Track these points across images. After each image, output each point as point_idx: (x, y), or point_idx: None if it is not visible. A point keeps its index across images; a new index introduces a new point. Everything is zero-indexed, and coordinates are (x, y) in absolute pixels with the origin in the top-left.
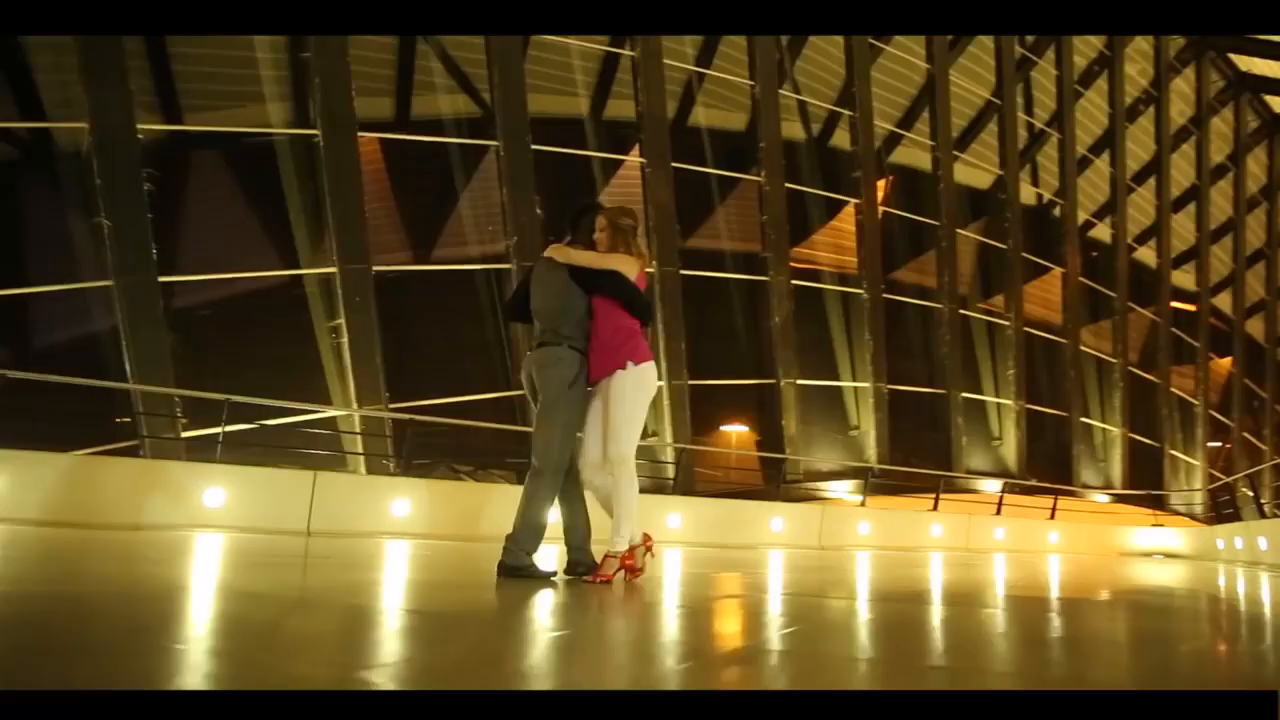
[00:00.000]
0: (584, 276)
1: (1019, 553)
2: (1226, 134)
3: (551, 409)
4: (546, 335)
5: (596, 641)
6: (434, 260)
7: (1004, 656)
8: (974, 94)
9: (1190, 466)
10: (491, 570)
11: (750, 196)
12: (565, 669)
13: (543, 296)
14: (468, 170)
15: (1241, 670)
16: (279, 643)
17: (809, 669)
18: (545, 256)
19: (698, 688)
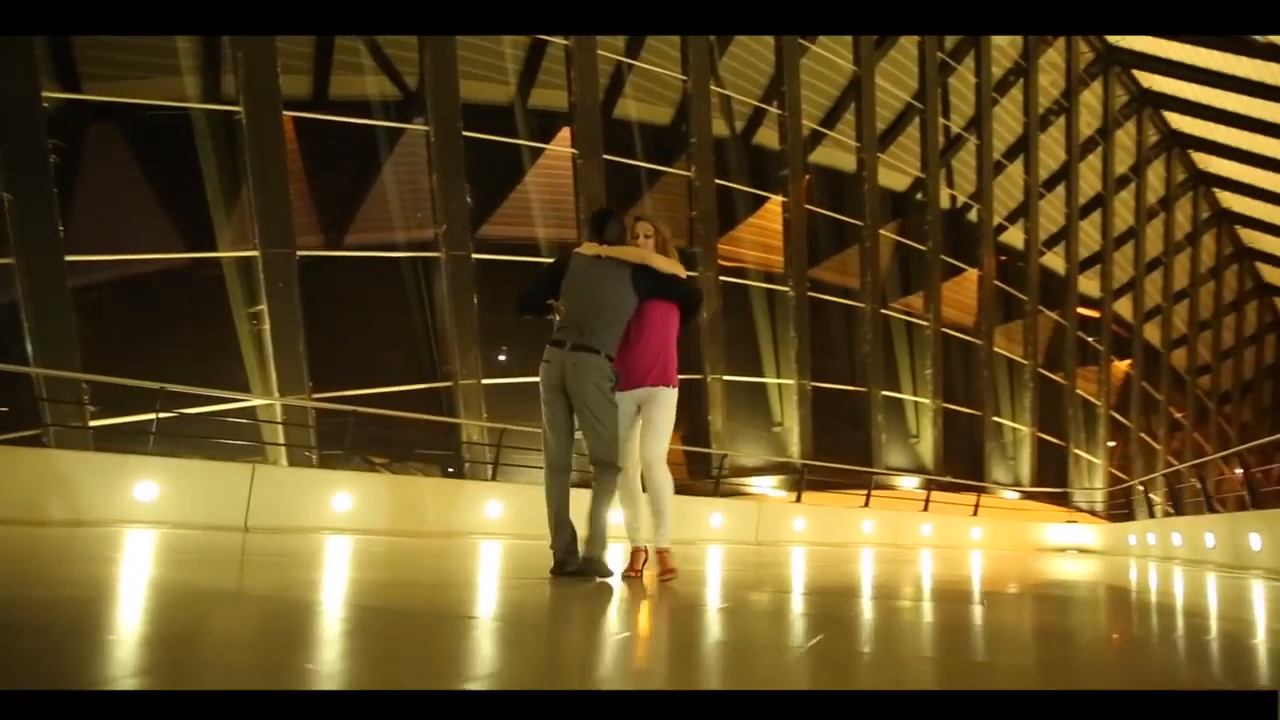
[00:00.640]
0: (654, 279)
1: (946, 548)
2: (1129, 146)
3: (603, 412)
4: (587, 339)
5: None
6: (357, 246)
7: (929, 645)
8: (895, 96)
9: (1092, 465)
10: (443, 567)
11: (675, 191)
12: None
13: (590, 296)
14: (395, 155)
15: (1151, 659)
16: (210, 646)
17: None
18: (592, 255)
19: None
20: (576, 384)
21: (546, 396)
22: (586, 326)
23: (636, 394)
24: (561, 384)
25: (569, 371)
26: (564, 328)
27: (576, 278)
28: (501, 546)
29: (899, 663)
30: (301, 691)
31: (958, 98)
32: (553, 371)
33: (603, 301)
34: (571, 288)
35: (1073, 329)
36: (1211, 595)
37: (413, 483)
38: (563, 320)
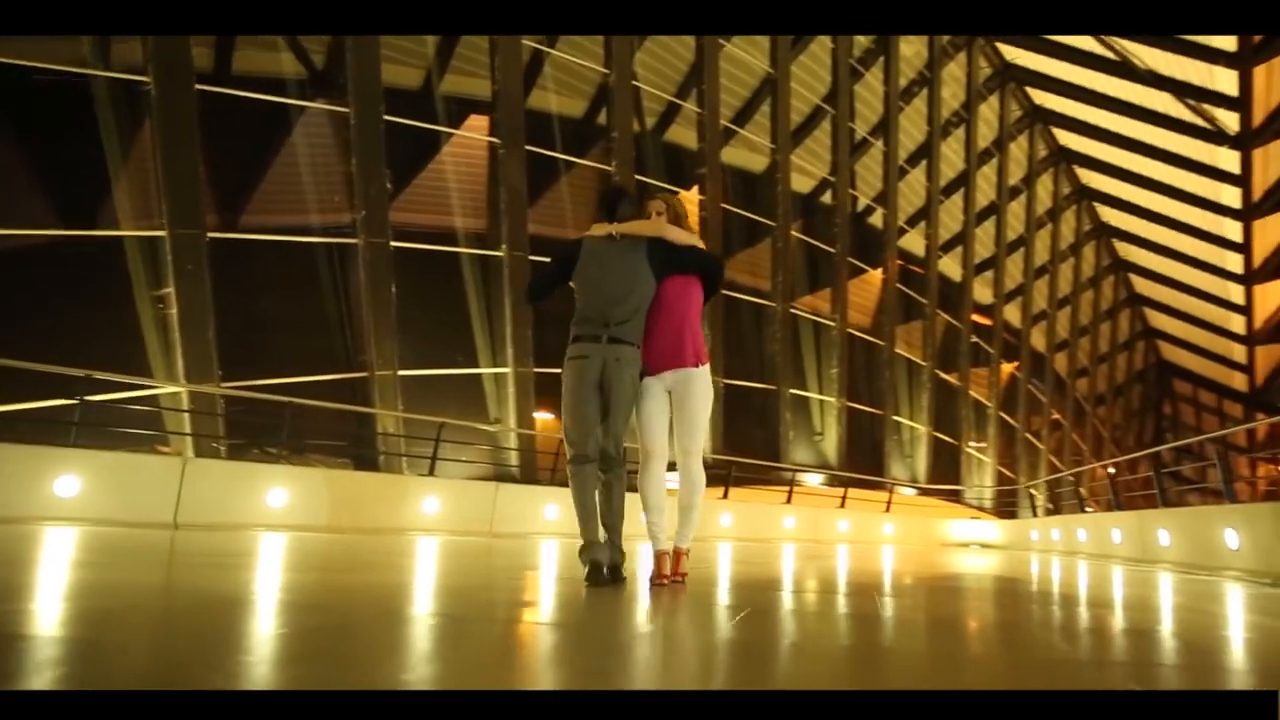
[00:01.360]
0: (670, 251)
1: (862, 544)
2: (1021, 160)
3: (628, 407)
4: (621, 331)
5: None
6: (271, 229)
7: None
8: (803, 99)
9: (982, 463)
10: (390, 564)
11: (588, 184)
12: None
13: (610, 282)
14: (314, 136)
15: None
16: (126, 652)
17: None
18: (604, 235)
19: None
20: (618, 377)
21: (580, 393)
22: (612, 316)
23: (665, 378)
24: (600, 378)
25: (610, 365)
26: (588, 319)
27: (591, 263)
28: (443, 543)
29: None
30: (300, 692)
31: (863, 105)
32: (592, 366)
33: (624, 286)
34: (588, 275)
35: (967, 332)
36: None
37: (350, 478)
38: (582, 310)
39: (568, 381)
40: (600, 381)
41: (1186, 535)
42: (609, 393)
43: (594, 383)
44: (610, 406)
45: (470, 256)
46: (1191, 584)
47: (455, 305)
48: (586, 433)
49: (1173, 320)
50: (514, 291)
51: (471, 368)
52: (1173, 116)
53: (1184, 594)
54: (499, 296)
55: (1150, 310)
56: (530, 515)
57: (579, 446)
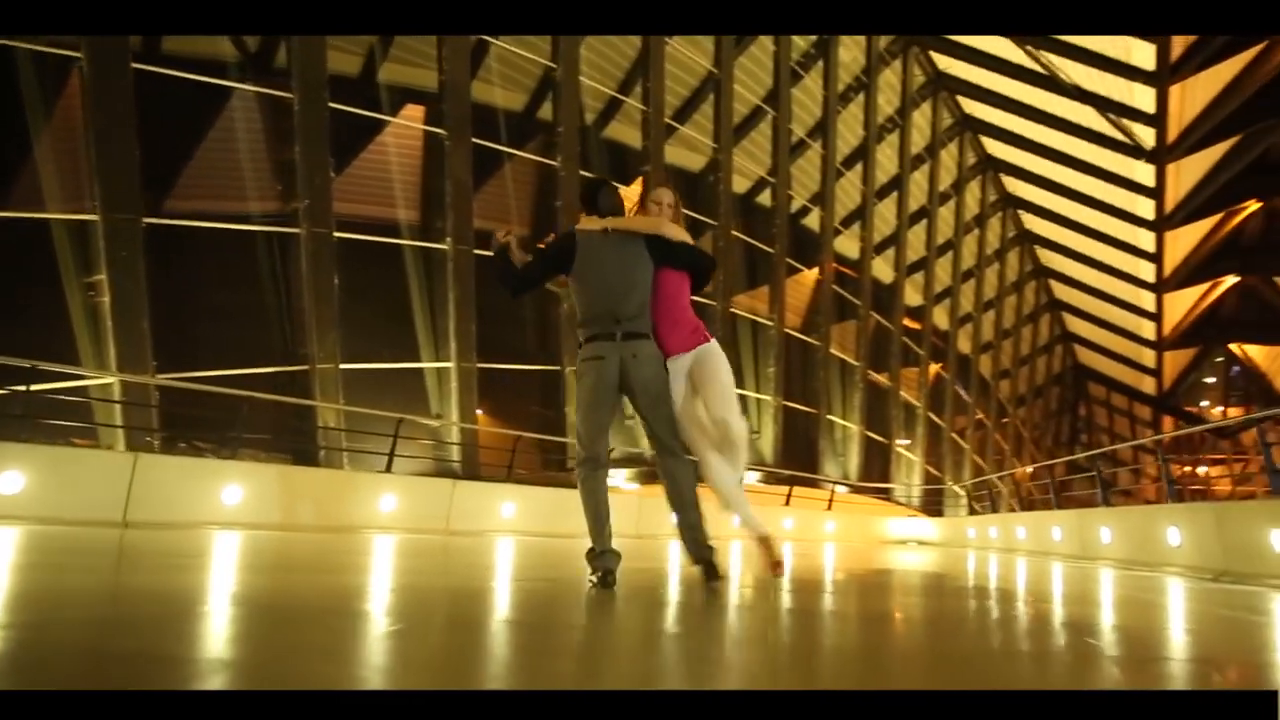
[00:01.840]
0: (668, 248)
1: (806, 541)
2: (951, 167)
3: (665, 397)
4: (633, 325)
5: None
6: (209, 217)
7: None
8: (742, 100)
9: (911, 462)
10: (348, 564)
11: (526, 178)
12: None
13: (614, 277)
14: (255, 122)
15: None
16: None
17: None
18: (599, 230)
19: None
20: (639, 374)
21: (598, 393)
22: (621, 312)
23: (683, 364)
24: (619, 379)
25: (629, 363)
26: (597, 317)
27: (590, 259)
28: (400, 541)
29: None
30: (299, 691)
31: (800, 108)
32: (609, 367)
33: (627, 280)
34: (588, 271)
35: (898, 333)
36: (1058, 580)
37: (306, 474)
38: (589, 309)
39: (585, 382)
40: (620, 381)
41: (1128, 533)
42: (635, 390)
43: (613, 384)
44: (644, 403)
45: (414, 249)
46: (1139, 579)
47: (398, 298)
48: (598, 434)
49: (1089, 325)
50: (458, 285)
51: (414, 362)
52: (1094, 130)
53: (1138, 588)
54: (443, 290)
55: (1068, 315)
56: (487, 512)
57: (589, 448)
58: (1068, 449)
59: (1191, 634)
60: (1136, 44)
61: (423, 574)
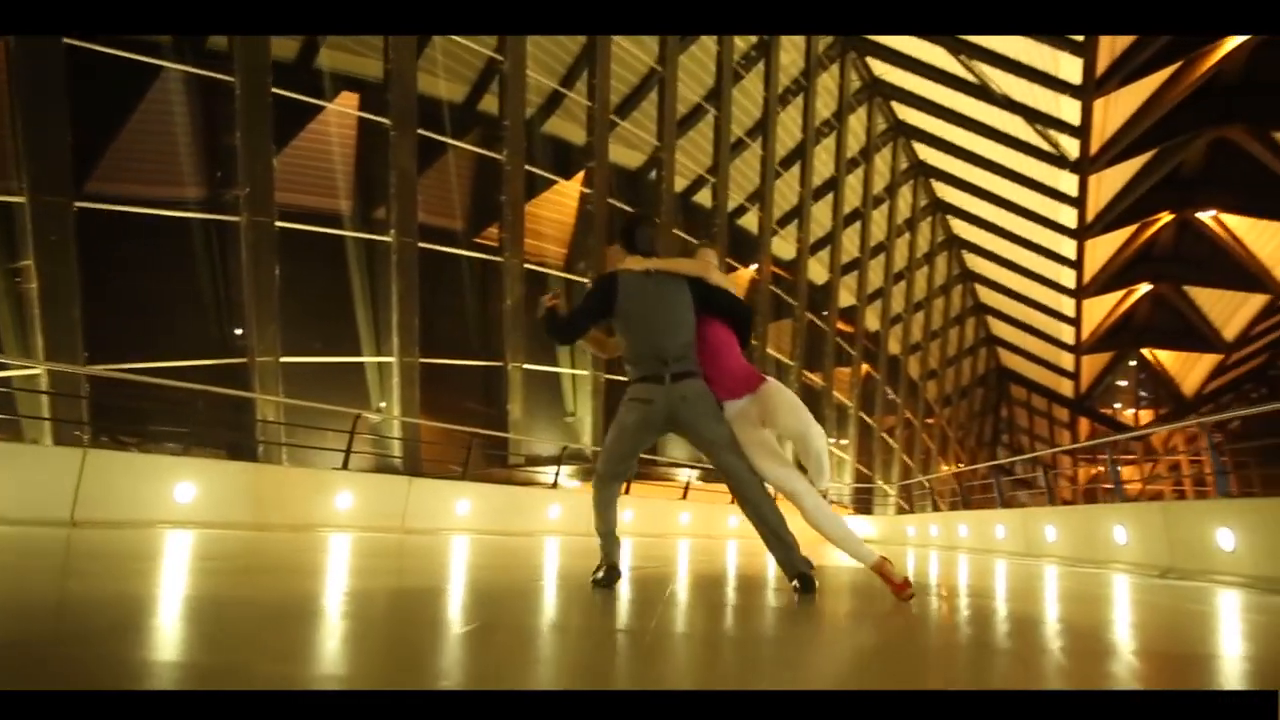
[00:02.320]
0: (711, 293)
1: (751, 538)
2: (885, 171)
3: (719, 427)
4: (680, 365)
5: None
6: (144, 202)
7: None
8: (685, 97)
9: (843, 461)
10: (306, 565)
11: (461, 170)
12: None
13: (660, 314)
14: (195, 106)
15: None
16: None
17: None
18: (641, 271)
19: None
20: (689, 415)
21: (639, 433)
22: (668, 352)
23: (736, 406)
24: (666, 422)
25: (679, 406)
26: (643, 357)
27: (634, 300)
28: (357, 540)
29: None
30: (297, 692)
31: (740, 110)
32: (656, 412)
33: (672, 321)
34: (632, 312)
35: (832, 333)
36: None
37: (261, 471)
38: (634, 349)
39: (628, 420)
40: (666, 424)
41: (1074, 531)
42: (689, 431)
43: (656, 426)
44: (703, 440)
45: (356, 240)
46: (1089, 575)
47: (339, 290)
48: (622, 461)
49: (1011, 329)
50: (402, 278)
51: (355, 356)
52: (1022, 139)
53: (1094, 584)
54: (385, 283)
55: (992, 319)
56: (443, 511)
57: (610, 469)
58: (990, 449)
59: (1144, 626)
60: (1065, 58)
61: (382, 574)
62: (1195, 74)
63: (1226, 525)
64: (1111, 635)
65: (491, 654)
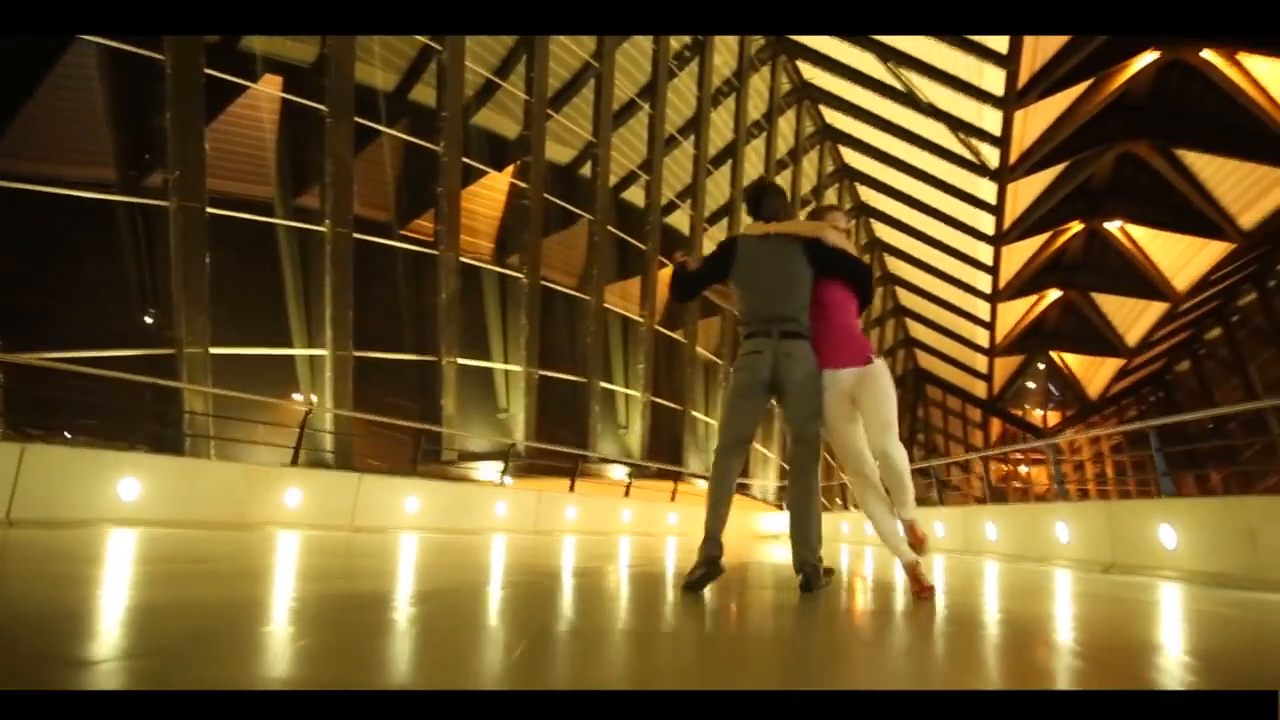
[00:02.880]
0: (828, 253)
1: (690, 536)
2: (811, 174)
3: (813, 396)
4: (788, 325)
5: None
6: (62, 182)
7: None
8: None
9: (767, 458)
10: (251, 569)
11: (387, 161)
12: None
13: (773, 279)
14: (121, 83)
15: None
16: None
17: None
18: (760, 235)
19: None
20: (791, 372)
21: (749, 387)
22: (779, 312)
23: (845, 380)
24: (771, 376)
25: (782, 361)
26: (755, 317)
27: (750, 262)
28: (306, 538)
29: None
30: (297, 692)
31: (672, 110)
32: (762, 362)
33: (784, 283)
34: (748, 274)
35: None
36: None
37: (209, 467)
38: (748, 310)
39: (738, 376)
40: (771, 378)
41: (1016, 529)
42: (786, 387)
43: (765, 379)
44: (792, 400)
45: (289, 230)
46: (1035, 571)
47: (271, 281)
48: (740, 423)
49: (929, 331)
50: (336, 270)
51: (286, 348)
52: (944, 147)
53: (1042, 579)
54: (319, 274)
55: (911, 321)
56: (392, 508)
57: (730, 434)
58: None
59: (1097, 617)
60: (988, 69)
61: (336, 577)
62: (1107, 90)
63: (1169, 523)
64: (1068, 625)
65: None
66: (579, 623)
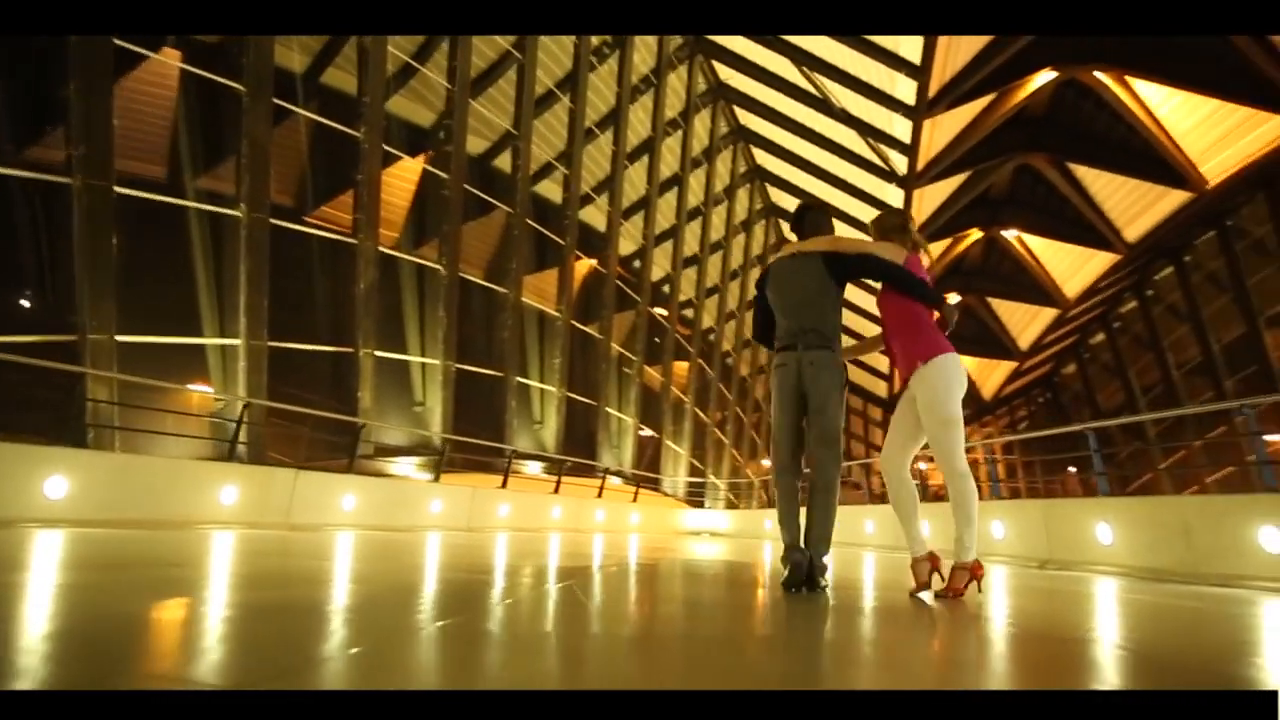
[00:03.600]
0: (839, 259)
1: (616, 532)
2: (724, 174)
3: (832, 406)
4: (810, 338)
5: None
6: None
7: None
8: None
9: (678, 455)
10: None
11: (317, 146)
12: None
13: (793, 290)
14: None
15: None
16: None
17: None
18: (790, 254)
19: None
20: (814, 379)
21: (782, 401)
22: (804, 325)
23: (911, 385)
24: (798, 385)
25: (805, 370)
26: (784, 331)
27: (777, 280)
28: (241, 537)
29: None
30: (296, 692)
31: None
32: (789, 374)
33: (803, 296)
34: (776, 291)
35: (673, 332)
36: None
37: (141, 463)
38: (779, 325)
39: (773, 392)
40: (799, 386)
41: (947, 526)
42: (809, 393)
43: (793, 387)
44: (811, 405)
45: (200, 213)
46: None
47: (181, 266)
48: (785, 441)
49: None
50: (251, 256)
51: (197, 336)
52: (855, 152)
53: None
54: (234, 260)
55: None
56: (329, 505)
57: (778, 458)
58: None
59: (1038, 606)
60: (901, 79)
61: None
62: (1008, 105)
63: (1106, 521)
64: (1007, 615)
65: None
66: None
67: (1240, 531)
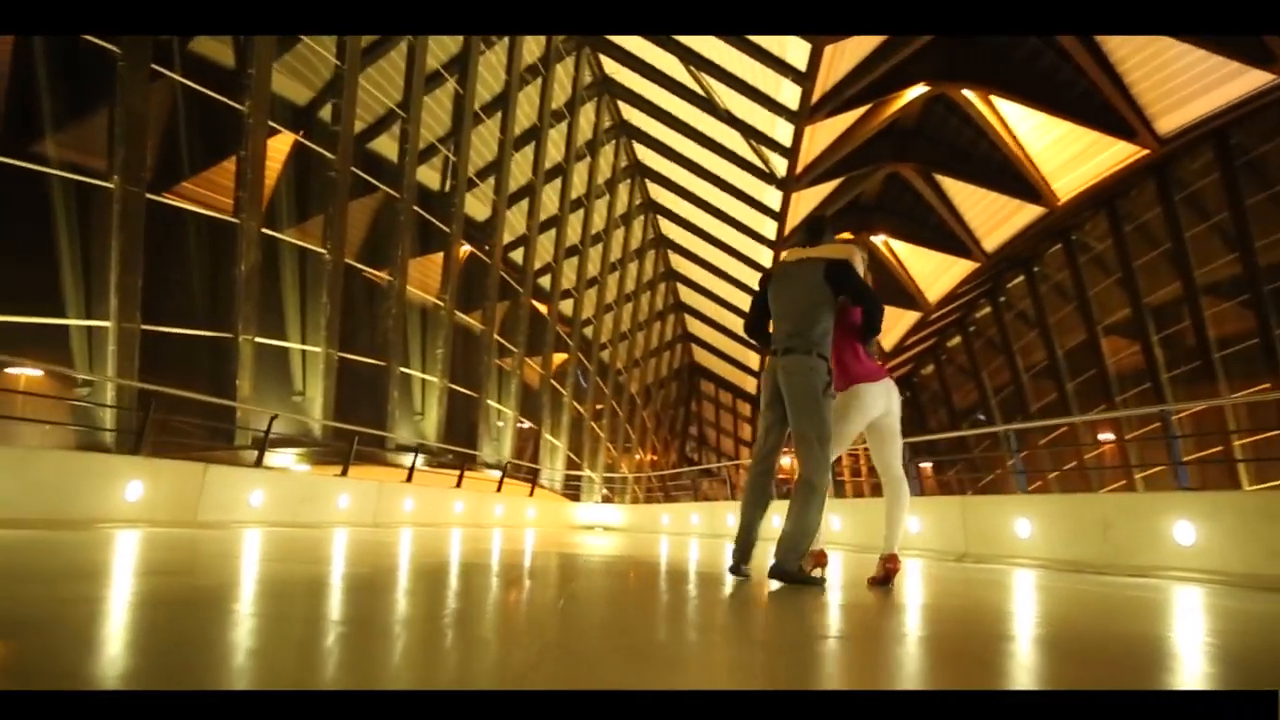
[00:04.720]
0: (844, 276)
1: (514, 527)
2: (606, 169)
3: (809, 418)
4: (794, 341)
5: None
6: None
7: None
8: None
9: (555, 447)
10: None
11: (196, 119)
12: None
13: (788, 297)
14: None
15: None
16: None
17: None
18: (796, 259)
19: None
20: (787, 383)
21: (766, 400)
22: (787, 329)
23: (873, 392)
24: (776, 389)
25: (780, 375)
26: (775, 335)
27: (777, 285)
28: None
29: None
30: (297, 692)
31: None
32: (770, 379)
33: (794, 303)
34: (774, 296)
35: (553, 325)
36: None
37: (34, 457)
38: (774, 329)
39: (762, 399)
40: (777, 390)
41: (863, 522)
42: (785, 397)
43: (773, 392)
44: (790, 408)
45: (66, 182)
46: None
47: (44, 242)
48: (759, 441)
49: (705, 327)
50: (124, 233)
51: (61, 318)
52: (736, 153)
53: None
54: (105, 236)
55: (690, 317)
56: (238, 502)
57: (752, 457)
58: (680, 439)
59: (957, 596)
60: (786, 84)
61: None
62: (882, 116)
63: (1025, 516)
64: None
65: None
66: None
67: (1155, 525)
